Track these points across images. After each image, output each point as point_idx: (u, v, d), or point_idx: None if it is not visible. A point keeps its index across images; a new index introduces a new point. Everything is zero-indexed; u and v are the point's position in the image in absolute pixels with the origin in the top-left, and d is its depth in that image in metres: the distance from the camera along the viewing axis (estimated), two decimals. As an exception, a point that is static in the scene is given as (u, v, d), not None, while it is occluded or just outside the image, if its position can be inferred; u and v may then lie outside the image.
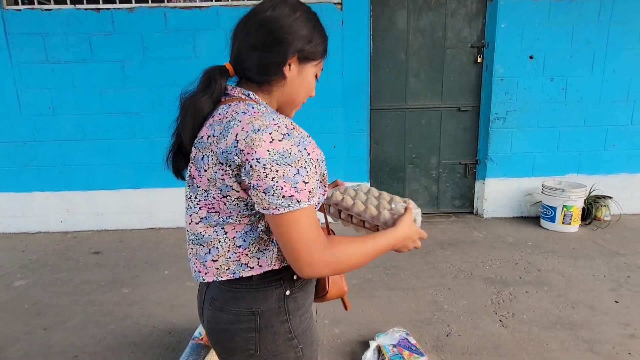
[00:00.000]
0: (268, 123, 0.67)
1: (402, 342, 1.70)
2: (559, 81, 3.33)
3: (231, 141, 0.67)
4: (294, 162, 0.66)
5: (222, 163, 0.68)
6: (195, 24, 3.13)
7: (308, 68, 0.80)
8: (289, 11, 0.75)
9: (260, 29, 0.75)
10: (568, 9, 3.20)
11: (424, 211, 3.69)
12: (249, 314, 0.77)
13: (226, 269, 0.76)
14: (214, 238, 0.75)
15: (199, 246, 0.77)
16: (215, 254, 0.76)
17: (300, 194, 0.66)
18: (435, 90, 3.47)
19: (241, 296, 0.78)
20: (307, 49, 0.77)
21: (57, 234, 3.42)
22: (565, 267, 2.54)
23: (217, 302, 0.80)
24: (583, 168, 3.51)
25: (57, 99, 3.22)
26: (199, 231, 0.76)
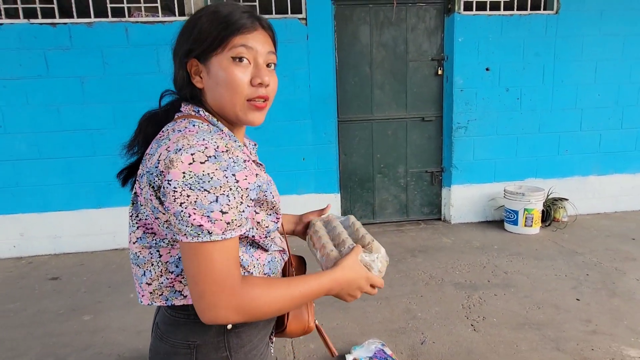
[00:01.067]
0: (194, 143, 0.60)
1: (378, 354, 1.69)
2: (514, 91, 3.53)
3: (154, 161, 0.62)
4: (214, 188, 0.59)
5: (149, 183, 0.63)
6: (158, 39, 3.07)
7: (214, 62, 0.68)
8: (184, 24, 0.73)
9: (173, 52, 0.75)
10: (518, 24, 3.42)
11: (394, 219, 3.76)
12: (185, 347, 0.71)
13: (159, 294, 0.71)
14: (147, 260, 0.70)
15: (136, 267, 0.72)
16: (149, 277, 0.71)
17: (214, 225, 0.59)
18: (400, 102, 3.58)
19: (179, 325, 0.72)
20: (196, 45, 0.69)
21: (10, 260, 3.18)
22: (529, 269, 2.65)
23: (159, 330, 0.75)
24: (540, 172, 3.70)
25: (9, 117, 3.03)
26: (135, 251, 0.72)
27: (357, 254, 0.76)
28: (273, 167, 3.37)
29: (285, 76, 3.26)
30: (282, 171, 3.38)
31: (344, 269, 0.73)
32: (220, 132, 0.69)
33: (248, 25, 0.69)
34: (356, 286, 0.74)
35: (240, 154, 0.64)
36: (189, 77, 0.72)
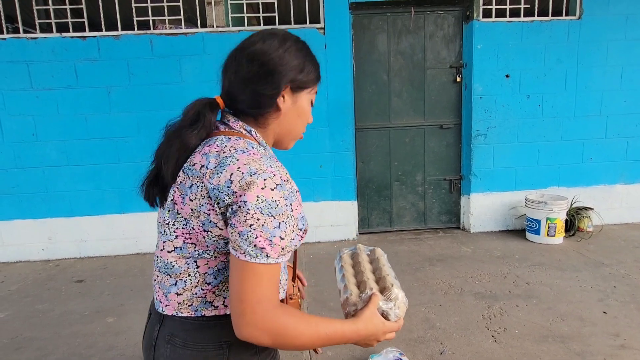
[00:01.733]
0: (265, 169, 0.65)
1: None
2: (535, 98, 3.47)
3: (225, 179, 0.64)
4: (279, 214, 0.64)
5: (211, 198, 0.66)
6: (181, 50, 3.17)
7: (302, 96, 0.78)
8: (279, 43, 0.74)
9: (251, 62, 0.73)
10: (539, 30, 3.37)
11: (411, 227, 3.73)
12: (216, 348, 0.72)
13: (189, 304, 0.72)
14: (184, 270, 0.71)
15: (166, 276, 0.73)
16: (182, 287, 0.72)
17: (273, 249, 0.64)
18: (418, 109, 3.57)
19: (209, 328, 0.73)
20: (300, 78, 0.76)
21: (39, 262, 3.31)
22: (552, 279, 2.58)
23: (177, 339, 0.73)
24: (563, 181, 3.61)
25: (41, 125, 3.18)
26: (169, 260, 0.72)
27: (375, 305, 0.76)
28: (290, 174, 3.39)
29: (304, 85, 3.29)
30: (299, 178, 3.41)
31: (364, 321, 0.74)
32: (276, 159, 0.74)
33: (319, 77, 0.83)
34: (373, 338, 0.75)
35: (294, 185, 0.70)
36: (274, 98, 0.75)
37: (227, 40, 3.17)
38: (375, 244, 3.44)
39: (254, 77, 0.73)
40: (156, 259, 0.76)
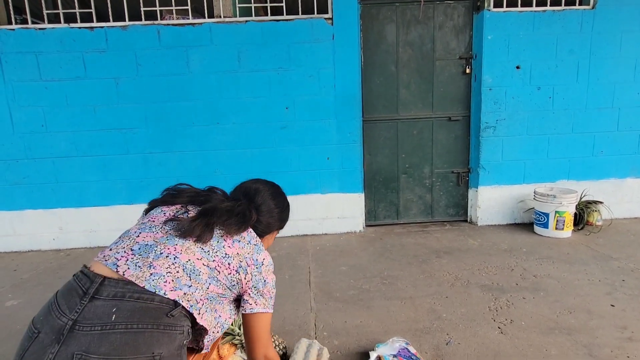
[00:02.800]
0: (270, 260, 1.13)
1: (402, 352, 1.69)
2: (546, 90, 3.42)
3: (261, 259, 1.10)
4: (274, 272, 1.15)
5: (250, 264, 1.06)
6: (188, 41, 3.17)
7: (275, 233, 1.32)
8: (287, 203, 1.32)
9: (273, 213, 1.24)
10: (551, 21, 3.30)
11: (418, 220, 3.73)
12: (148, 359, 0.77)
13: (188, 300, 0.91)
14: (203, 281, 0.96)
15: (186, 277, 0.92)
16: (192, 291, 0.93)
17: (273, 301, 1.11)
18: (426, 101, 3.54)
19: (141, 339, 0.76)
20: (283, 226, 1.32)
21: (50, 252, 3.36)
22: (560, 273, 2.56)
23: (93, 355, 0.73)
24: (573, 174, 3.57)
25: (51, 116, 3.21)
26: (199, 269, 0.96)
27: None
28: (297, 166, 3.40)
29: (311, 76, 3.29)
30: (306, 170, 3.41)
31: None
32: None
33: None
34: None
35: None
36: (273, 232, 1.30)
37: (234, 31, 3.16)
38: (382, 236, 3.44)
39: (273, 221, 1.25)
40: (174, 258, 0.94)
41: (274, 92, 3.29)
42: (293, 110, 3.32)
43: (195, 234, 0.97)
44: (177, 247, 0.94)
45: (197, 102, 3.25)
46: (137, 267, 0.87)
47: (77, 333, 0.75)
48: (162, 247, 0.93)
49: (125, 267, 0.87)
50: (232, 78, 3.24)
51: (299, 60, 3.25)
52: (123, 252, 0.91)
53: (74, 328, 0.76)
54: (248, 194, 1.22)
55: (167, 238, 0.96)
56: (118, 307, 0.79)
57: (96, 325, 0.76)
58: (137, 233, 0.97)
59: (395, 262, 2.84)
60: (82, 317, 0.78)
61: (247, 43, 3.20)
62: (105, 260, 0.90)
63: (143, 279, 0.85)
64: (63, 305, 0.81)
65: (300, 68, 3.27)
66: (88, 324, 0.76)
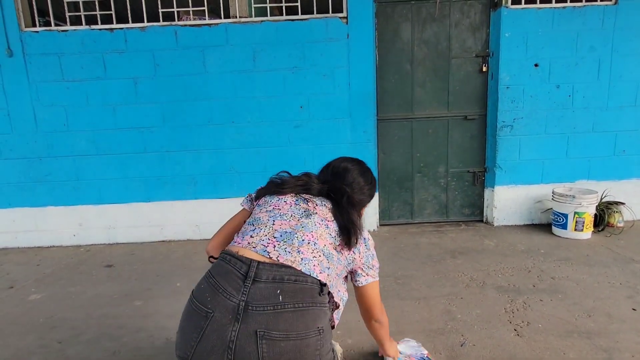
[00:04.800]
0: None
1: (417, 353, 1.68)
2: (566, 88, 3.34)
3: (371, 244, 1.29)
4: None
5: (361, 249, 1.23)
6: (205, 41, 3.21)
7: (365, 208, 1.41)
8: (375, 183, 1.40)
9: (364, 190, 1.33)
10: (571, 17, 3.23)
11: (433, 220, 3.70)
12: (316, 334, 0.91)
13: (329, 280, 1.04)
14: (335, 260, 1.10)
15: (325, 259, 1.05)
16: (332, 270, 1.08)
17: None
18: (441, 100, 3.50)
19: (307, 315, 0.91)
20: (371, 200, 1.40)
21: (71, 247, 3.46)
22: (579, 275, 2.51)
23: (275, 332, 0.86)
24: (593, 174, 3.48)
25: (72, 116, 3.30)
26: (331, 252, 1.08)
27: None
28: (311, 164, 3.42)
29: (325, 75, 3.29)
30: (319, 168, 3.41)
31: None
32: None
33: None
34: None
35: None
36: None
37: (250, 31, 3.19)
38: (396, 235, 3.43)
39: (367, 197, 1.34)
40: (314, 244, 1.05)
41: (289, 91, 3.31)
42: (307, 109, 3.34)
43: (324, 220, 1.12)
44: (314, 233, 1.05)
45: (213, 102, 3.30)
46: (287, 252, 0.96)
47: (252, 312, 0.85)
48: (301, 234, 1.04)
49: (276, 252, 0.96)
50: (248, 77, 3.27)
51: (314, 59, 3.26)
52: (267, 240, 1.00)
53: (247, 308, 0.86)
54: (337, 173, 1.29)
55: (301, 225, 1.06)
56: (281, 289, 0.89)
57: (268, 306, 0.86)
58: (272, 221, 1.07)
59: (409, 262, 2.82)
60: (251, 299, 0.88)
61: (263, 43, 3.22)
62: (253, 247, 0.99)
63: (298, 263, 0.95)
64: (228, 287, 0.90)
65: (315, 67, 3.28)
66: (260, 304, 0.86)
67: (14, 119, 3.29)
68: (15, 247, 3.50)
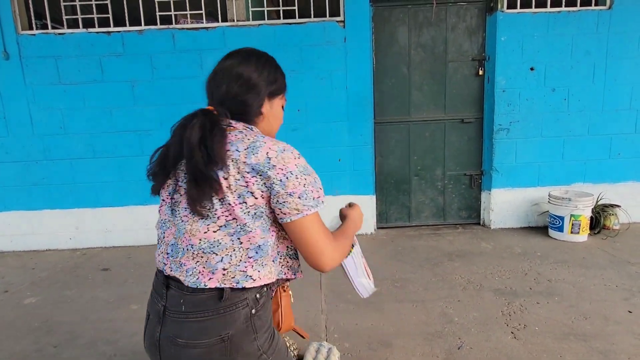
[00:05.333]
0: (285, 146, 0.87)
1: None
2: (561, 91, 3.37)
3: (263, 158, 0.83)
4: (312, 172, 0.89)
5: (250, 172, 0.83)
6: (202, 44, 3.22)
7: (276, 102, 1.02)
8: (256, 61, 0.97)
9: (237, 80, 0.94)
10: (567, 22, 3.26)
11: (430, 222, 3.70)
12: (219, 342, 0.82)
13: (232, 277, 0.85)
14: (229, 246, 0.84)
15: (213, 254, 0.85)
16: (228, 262, 0.85)
17: (322, 195, 0.88)
18: (438, 103, 3.52)
19: (208, 325, 0.83)
20: (273, 88, 0.99)
21: (67, 251, 3.45)
22: (575, 277, 2.52)
23: (181, 340, 0.83)
24: (589, 177, 3.50)
25: (69, 119, 3.29)
26: (215, 239, 0.84)
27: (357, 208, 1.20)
28: (309, 167, 3.41)
29: (323, 78, 3.30)
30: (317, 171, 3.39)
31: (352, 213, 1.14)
32: None
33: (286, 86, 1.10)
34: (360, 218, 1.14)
35: None
36: (259, 107, 0.97)
37: (248, 34, 3.20)
38: (393, 238, 3.43)
39: (242, 93, 0.94)
40: (200, 242, 0.86)
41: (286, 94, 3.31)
42: (305, 112, 3.34)
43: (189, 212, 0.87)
44: (186, 234, 0.87)
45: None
46: (177, 268, 0.89)
47: (168, 318, 0.87)
48: (180, 242, 0.89)
49: (171, 270, 0.91)
50: (245, 81, 3.27)
51: (311, 62, 3.27)
52: (164, 258, 0.94)
53: (165, 313, 0.88)
54: (210, 90, 0.97)
55: (178, 230, 0.90)
56: (184, 300, 0.86)
57: (176, 313, 0.86)
58: (163, 234, 0.97)
59: (406, 264, 2.82)
60: (169, 304, 0.88)
61: (260, 46, 3.19)
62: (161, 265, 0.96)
63: (185, 279, 0.87)
64: (157, 291, 0.93)
65: (313, 70, 3.29)
66: (172, 311, 0.87)
67: (10, 122, 3.28)
68: (10, 250, 3.48)
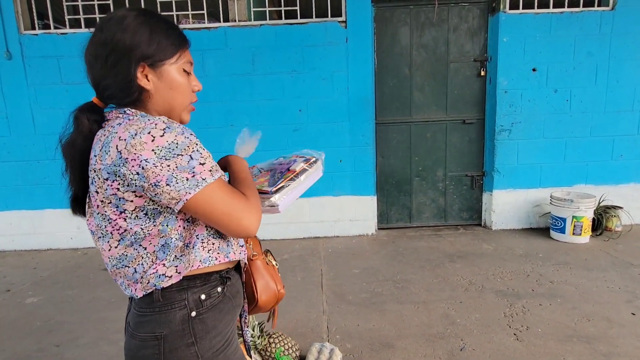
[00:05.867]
0: (144, 125, 0.67)
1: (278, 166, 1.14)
2: (563, 93, 3.36)
3: (114, 154, 0.66)
4: (184, 150, 0.67)
5: (109, 177, 0.68)
6: (204, 44, 3.22)
7: (167, 69, 0.76)
8: (116, 26, 0.72)
9: (98, 56, 0.73)
10: (569, 23, 3.25)
11: (431, 223, 3.69)
12: (152, 339, 0.76)
13: (147, 282, 0.75)
14: (136, 256, 0.74)
15: (125, 268, 0.76)
16: (142, 271, 0.75)
17: (202, 173, 0.69)
18: (440, 104, 3.51)
19: (146, 320, 0.76)
20: (151, 52, 0.73)
21: (68, 250, 3.45)
22: (578, 279, 2.51)
23: (129, 328, 0.80)
24: (591, 178, 3.49)
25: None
26: (120, 254, 0.75)
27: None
28: (310, 168, 3.41)
29: (324, 79, 3.30)
30: (319, 172, 3.42)
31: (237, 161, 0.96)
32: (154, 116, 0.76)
33: (189, 42, 0.83)
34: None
35: (182, 125, 0.73)
36: (133, 81, 0.74)
37: (249, 35, 3.19)
38: (394, 239, 3.42)
39: (108, 70, 0.73)
40: (109, 260, 0.78)
41: (288, 94, 3.31)
42: (306, 113, 3.34)
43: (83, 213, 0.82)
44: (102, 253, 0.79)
45: (212, 105, 3.30)
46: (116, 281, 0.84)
47: (130, 306, 0.84)
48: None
49: None
50: (247, 81, 3.28)
51: (313, 63, 3.27)
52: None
53: (130, 301, 0.84)
54: None
55: None
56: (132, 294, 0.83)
57: (133, 304, 0.82)
58: None
59: (408, 265, 2.82)
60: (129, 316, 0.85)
61: (262, 46, 3.23)
62: None
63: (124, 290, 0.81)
64: None
65: (314, 71, 3.28)
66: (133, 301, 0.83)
67: (12, 122, 3.28)
68: (12, 249, 3.48)
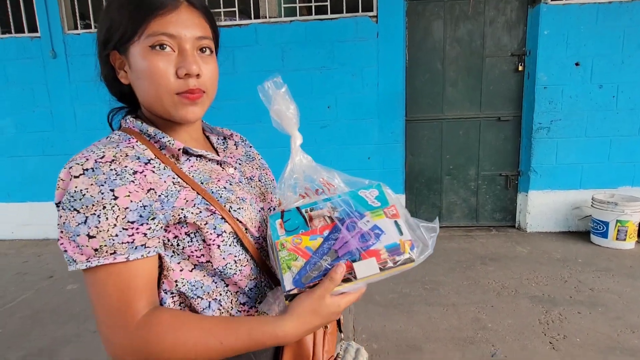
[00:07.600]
0: (80, 155, 0.54)
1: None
2: (609, 88, 3.15)
3: None
4: (84, 207, 0.50)
5: None
6: (234, 41, 3.25)
7: (133, 52, 0.57)
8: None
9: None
10: (618, 13, 3.04)
11: (462, 224, 3.58)
12: None
13: None
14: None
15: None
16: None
17: (81, 251, 0.50)
18: (474, 100, 3.39)
19: None
20: (106, 35, 0.59)
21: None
22: (622, 287, 2.36)
23: None
24: (638, 180, 3.27)
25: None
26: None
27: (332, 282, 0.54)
28: (337, 165, 3.38)
29: (354, 75, 3.26)
30: (346, 170, 3.30)
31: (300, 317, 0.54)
32: (127, 141, 0.59)
33: (166, 4, 0.56)
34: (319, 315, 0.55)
35: (132, 165, 0.54)
36: (114, 73, 0.61)
37: (279, 31, 3.20)
38: (423, 239, 3.34)
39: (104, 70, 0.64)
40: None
41: (316, 91, 3.30)
42: (335, 109, 3.31)
43: None
44: None
45: (241, 101, 3.33)
46: None
47: None
48: None
49: None
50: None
51: (342, 58, 3.24)
52: None
53: None
54: None
55: None
56: None
57: None
58: None
59: (437, 266, 2.75)
60: None
61: (291, 42, 3.23)
62: None
63: None
64: None
65: (343, 67, 3.25)
66: None
67: (56, 117, 3.46)
68: (55, 238, 3.68)
